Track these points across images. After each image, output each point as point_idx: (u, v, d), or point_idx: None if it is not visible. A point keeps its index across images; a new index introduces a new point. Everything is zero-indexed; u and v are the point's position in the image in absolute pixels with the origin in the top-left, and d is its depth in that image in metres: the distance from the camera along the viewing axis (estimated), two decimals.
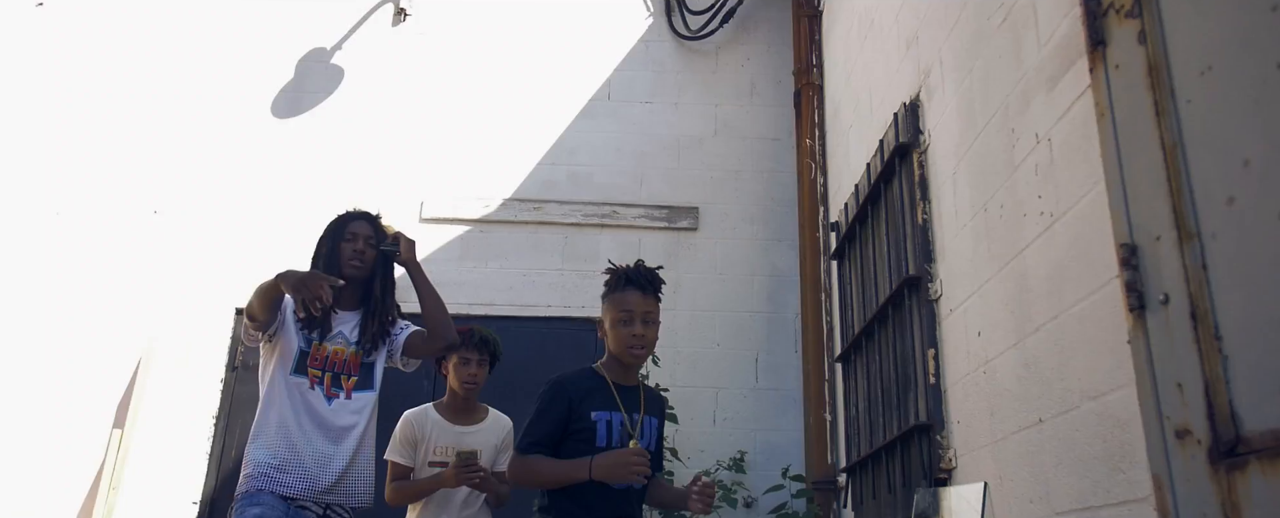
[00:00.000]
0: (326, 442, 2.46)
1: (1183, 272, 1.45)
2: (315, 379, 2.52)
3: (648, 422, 2.18)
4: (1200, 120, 1.45)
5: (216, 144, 5.01)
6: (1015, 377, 2.13)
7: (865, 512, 3.32)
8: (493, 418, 3.01)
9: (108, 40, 5.19)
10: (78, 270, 4.71)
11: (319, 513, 2.44)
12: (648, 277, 2.21)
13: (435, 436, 2.90)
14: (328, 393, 2.51)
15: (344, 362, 2.59)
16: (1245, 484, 1.27)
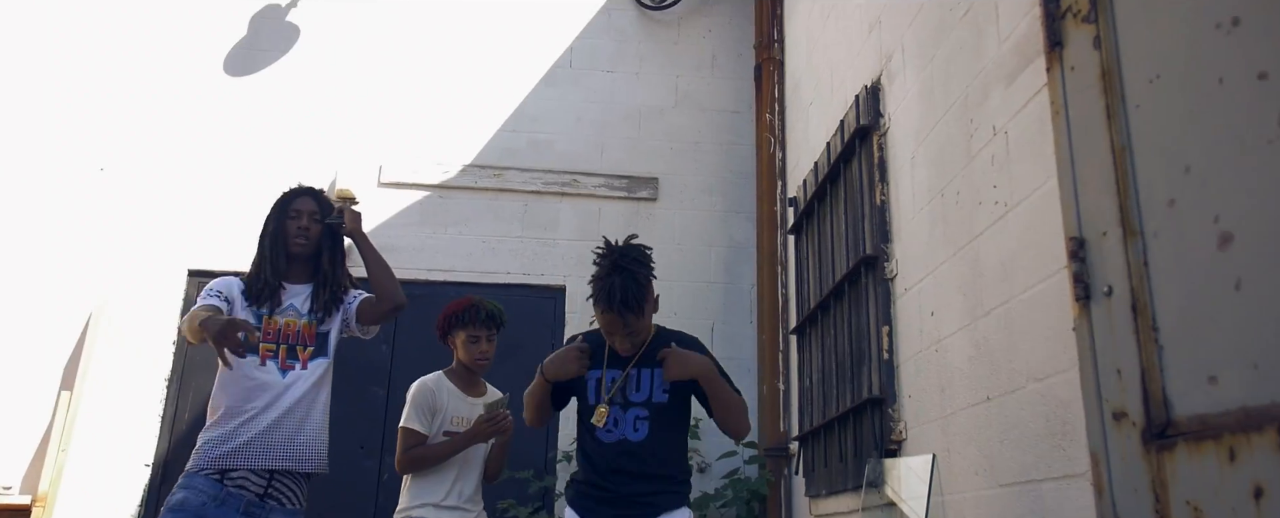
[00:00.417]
0: (276, 413, 2.45)
1: (1126, 266, 1.56)
2: (268, 353, 2.52)
3: (643, 373, 2.25)
4: (1147, 125, 1.55)
5: (165, 101, 4.90)
6: (965, 356, 2.25)
7: (816, 479, 3.46)
8: (491, 392, 3.01)
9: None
10: (20, 229, 4.60)
11: (261, 484, 2.42)
12: (624, 301, 2.15)
13: (451, 405, 2.88)
14: (283, 366, 2.53)
15: (298, 333, 2.61)
16: (1173, 464, 1.40)
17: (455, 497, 2.83)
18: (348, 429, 4.45)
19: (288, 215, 2.74)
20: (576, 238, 4.91)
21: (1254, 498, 1.22)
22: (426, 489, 2.82)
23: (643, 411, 2.25)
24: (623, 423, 2.26)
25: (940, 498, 2.34)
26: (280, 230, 2.71)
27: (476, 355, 2.94)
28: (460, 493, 2.85)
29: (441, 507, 2.80)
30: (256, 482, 2.39)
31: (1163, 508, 1.41)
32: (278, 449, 2.43)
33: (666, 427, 2.27)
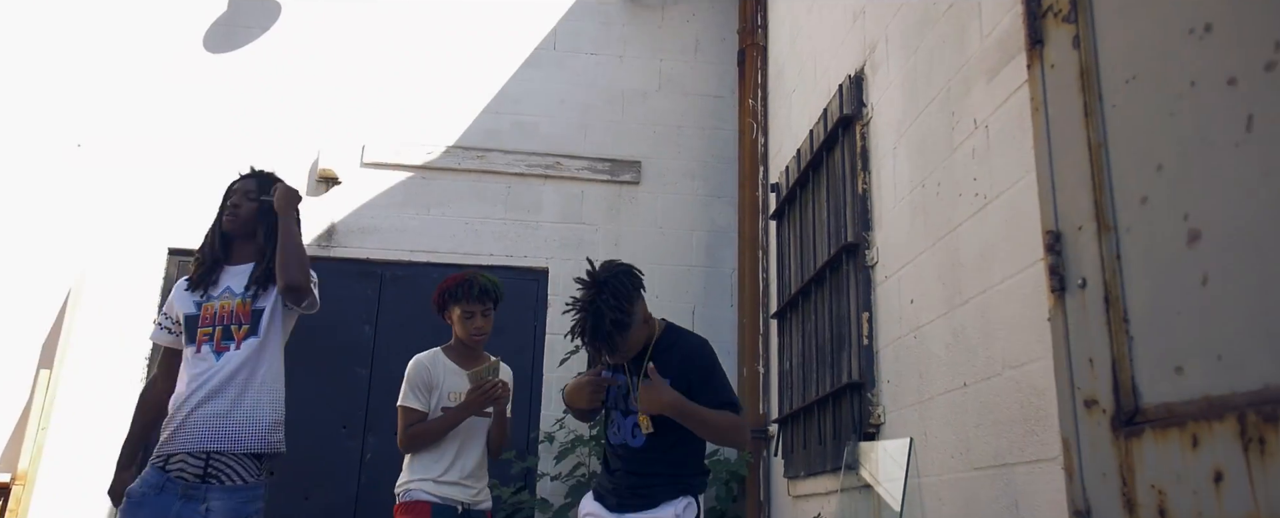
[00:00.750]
0: (203, 394, 2.44)
1: (1100, 260, 1.62)
2: (205, 338, 2.53)
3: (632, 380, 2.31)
4: (1123, 124, 1.61)
5: (144, 77, 4.86)
6: (943, 343, 2.32)
7: (795, 461, 3.54)
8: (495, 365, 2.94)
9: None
10: None
11: (198, 466, 2.40)
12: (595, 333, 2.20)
13: (448, 382, 2.88)
14: (217, 348, 2.52)
15: (231, 313, 2.59)
16: (1140, 450, 1.47)
17: (456, 472, 2.82)
18: (330, 409, 4.48)
19: (226, 197, 2.75)
20: (560, 220, 4.94)
21: (1214, 482, 1.29)
22: (425, 465, 2.82)
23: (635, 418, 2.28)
24: (623, 429, 2.32)
25: (917, 480, 2.42)
26: (220, 211, 2.73)
27: (472, 331, 2.93)
28: (461, 469, 2.83)
29: (440, 482, 2.80)
30: (194, 464, 2.39)
31: (1129, 491, 1.48)
32: (207, 430, 2.41)
33: (665, 431, 2.26)
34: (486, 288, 2.99)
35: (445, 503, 2.79)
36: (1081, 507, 1.60)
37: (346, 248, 4.75)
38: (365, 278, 4.72)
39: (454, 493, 2.81)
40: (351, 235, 4.77)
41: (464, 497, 2.83)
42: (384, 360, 4.56)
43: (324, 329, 4.60)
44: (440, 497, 2.79)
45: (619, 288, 2.22)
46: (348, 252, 4.75)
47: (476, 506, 2.88)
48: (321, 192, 4.81)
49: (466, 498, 2.84)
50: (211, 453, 2.40)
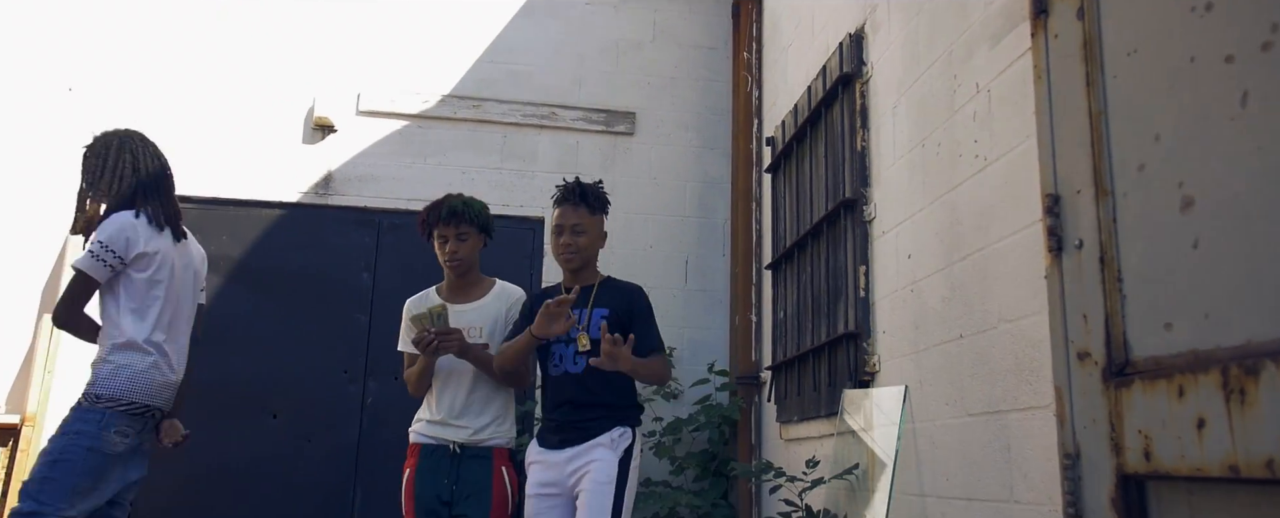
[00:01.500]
0: None
1: (1096, 222, 1.73)
2: None
3: (596, 313, 2.56)
4: (1123, 95, 1.71)
5: (135, 20, 4.81)
6: (940, 297, 2.44)
7: (788, 406, 3.69)
8: (497, 291, 2.86)
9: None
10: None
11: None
12: (580, 193, 2.68)
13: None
14: None
15: None
16: (1129, 398, 1.60)
17: (444, 411, 2.73)
18: (331, 355, 4.58)
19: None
20: (555, 170, 4.99)
21: (1197, 428, 1.42)
22: (422, 406, 2.82)
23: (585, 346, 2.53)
24: (566, 359, 2.57)
25: (911, 425, 2.56)
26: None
27: (445, 257, 2.79)
28: (450, 407, 2.73)
29: (430, 422, 2.76)
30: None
31: (1117, 436, 1.62)
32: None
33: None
34: (456, 208, 2.81)
35: (437, 443, 2.71)
36: (1071, 450, 1.74)
37: (344, 196, 4.79)
38: (363, 226, 4.78)
39: (445, 433, 2.72)
40: (349, 184, 4.81)
41: (458, 436, 2.71)
42: (383, 307, 4.65)
43: (323, 277, 4.68)
44: (430, 437, 2.74)
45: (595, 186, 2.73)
46: (345, 200, 4.79)
47: (479, 444, 2.71)
48: (317, 139, 4.83)
49: (461, 438, 2.71)
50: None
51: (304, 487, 4.41)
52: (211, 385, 4.45)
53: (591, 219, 2.66)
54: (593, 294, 2.60)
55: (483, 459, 2.71)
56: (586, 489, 2.38)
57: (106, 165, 2.72)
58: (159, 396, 2.59)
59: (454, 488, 2.68)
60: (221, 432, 4.38)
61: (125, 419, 2.49)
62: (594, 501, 2.35)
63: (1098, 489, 1.66)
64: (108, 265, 2.52)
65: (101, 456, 2.44)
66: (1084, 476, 1.70)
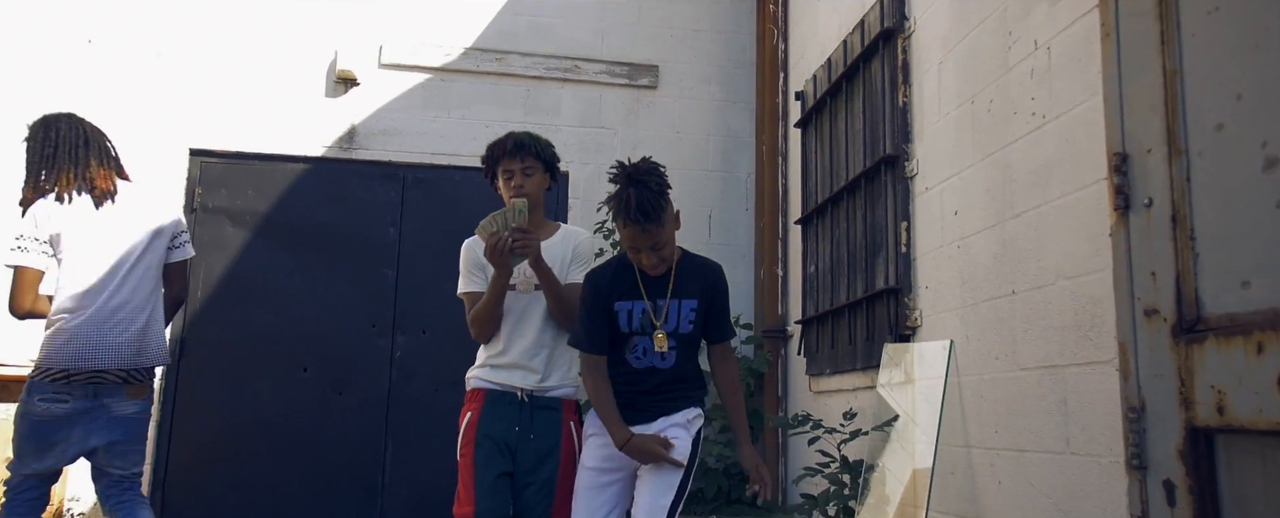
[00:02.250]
0: None
1: (1168, 181, 1.75)
2: None
3: (674, 305, 2.31)
4: (1201, 54, 1.72)
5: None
6: (990, 253, 2.47)
7: (818, 359, 3.74)
8: (564, 233, 2.67)
9: None
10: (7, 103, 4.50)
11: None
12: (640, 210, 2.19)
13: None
14: None
15: None
16: (1201, 354, 1.63)
17: (513, 354, 2.52)
18: (358, 309, 4.61)
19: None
20: (578, 124, 4.99)
21: (1277, 386, 1.46)
22: (487, 351, 2.59)
23: (671, 340, 2.31)
24: (650, 353, 2.32)
25: (956, 379, 2.61)
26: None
27: (511, 193, 2.57)
28: (520, 350, 2.52)
29: (496, 366, 2.54)
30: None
31: (1187, 391, 1.66)
32: None
33: (688, 349, 2.37)
34: (522, 140, 2.65)
35: (503, 389, 2.50)
36: (1136, 403, 1.78)
37: (368, 150, 4.78)
38: (388, 180, 4.77)
39: (512, 378, 2.50)
40: (373, 138, 4.79)
41: (526, 382, 2.50)
42: (409, 261, 4.67)
43: (349, 231, 4.69)
44: (496, 382, 2.51)
45: (651, 168, 2.26)
46: (370, 154, 4.78)
47: (547, 392, 2.51)
48: (340, 93, 4.80)
49: (530, 384, 2.50)
50: None
51: (335, 439, 4.48)
52: (241, 340, 4.49)
53: (663, 230, 2.26)
54: (671, 278, 2.33)
55: (552, 411, 2.52)
56: (659, 466, 2.27)
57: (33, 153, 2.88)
58: (78, 359, 2.67)
59: (521, 439, 2.48)
60: (253, 386, 4.43)
61: (49, 386, 2.65)
62: (664, 478, 2.25)
63: (1165, 441, 1.70)
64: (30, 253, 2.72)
65: (31, 421, 2.65)
66: (1150, 428, 1.75)
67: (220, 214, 4.59)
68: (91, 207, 2.80)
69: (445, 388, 4.29)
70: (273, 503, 4.36)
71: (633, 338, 2.32)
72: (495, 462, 2.46)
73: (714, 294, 2.36)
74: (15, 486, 2.67)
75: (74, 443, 2.69)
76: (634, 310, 2.31)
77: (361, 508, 4.44)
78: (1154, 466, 1.73)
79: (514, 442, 2.48)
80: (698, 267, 2.39)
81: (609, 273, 2.35)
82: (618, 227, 2.26)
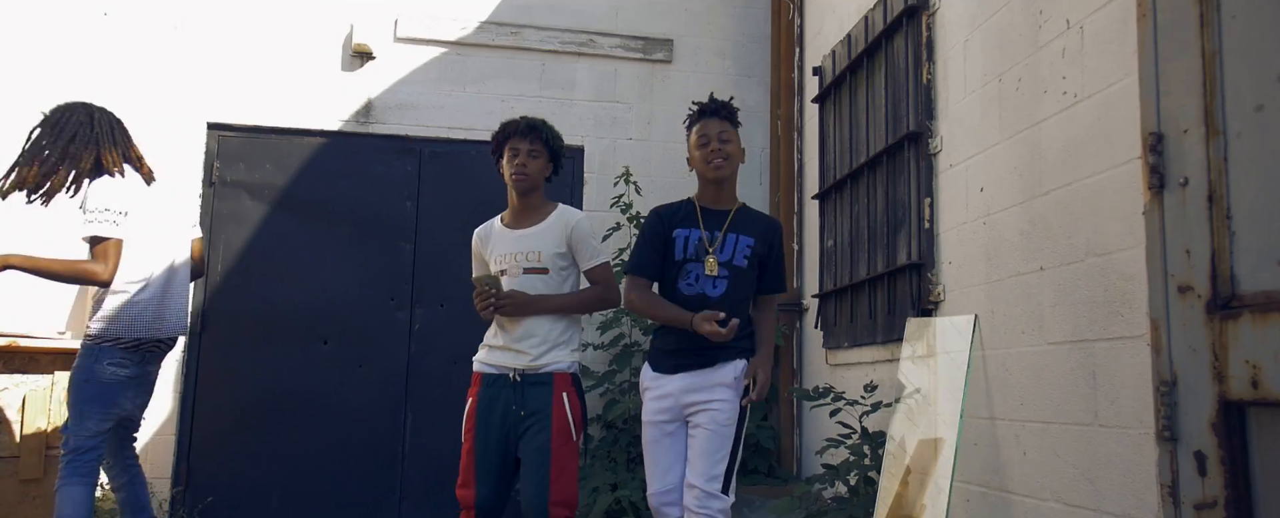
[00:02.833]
0: None
1: (1205, 161, 1.79)
2: None
3: (731, 238, 2.50)
4: (1241, 35, 1.75)
5: None
6: (1018, 230, 2.51)
7: (836, 333, 3.80)
8: (558, 213, 2.78)
9: None
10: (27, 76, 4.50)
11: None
12: (722, 106, 2.63)
13: (496, 244, 2.78)
14: None
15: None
16: (1236, 330, 1.68)
17: (503, 337, 2.70)
18: (377, 283, 4.65)
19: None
20: (594, 99, 5.00)
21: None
22: (487, 334, 2.78)
23: (724, 270, 2.47)
24: (702, 280, 2.47)
25: (980, 353, 2.67)
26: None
27: (513, 170, 2.72)
28: (509, 333, 2.68)
29: (490, 348, 2.74)
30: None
31: (1221, 366, 1.71)
32: None
33: (740, 288, 2.50)
34: (534, 123, 2.81)
35: (497, 370, 2.68)
36: (1168, 377, 1.84)
37: (385, 124, 4.79)
38: (405, 154, 4.79)
39: (504, 359, 2.67)
40: (389, 112, 4.80)
41: (517, 363, 2.65)
42: (427, 236, 4.71)
43: (367, 205, 4.71)
44: (490, 364, 2.70)
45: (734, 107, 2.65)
46: (386, 128, 4.79)
47: (539, 369, 2.65)
48: (356, 67, 4.80)
49: (520, 364, 2.65)
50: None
51: (356, 411, 4.54)
52: (262, 313, 4.53)
53: (734, 133, 2.58)
54: (729, 218, 2.52)
55: (543, 386, 2.65)
56: (708, 430, 2.36)
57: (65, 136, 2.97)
58: (151, 329, 2.91)
59: (516, 417, 2.64)
60: (274, 358, 4.48)
61: (119, 352, 2.86)
62: (714, 443, 2.35)
63: (1197, 414, 1.76)
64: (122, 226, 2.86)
65: (99, 385, 2.83)
66: (1181, 401, 1.80)
67: (239, 188, 4.61)
68: (143, 184, 3.01)
69: (463, 361, 4.27)
70: (294, 474, 4.43)
71: (686, 265, 2.50)
72: (495, 445, 2.63)
73: (773, 242, 2.57)
74: (80, 447, 2.82)
75: (125, 407, 2.93)
76: (690, 237, 2.50)
77: (382, 479, 4.51)
78: (1185, 437, 1.79)
79: (512, 420, 2.64)
80: (759, 216, 2.64)
81: (673, 207, 2.61)
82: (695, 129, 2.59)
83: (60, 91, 4.50)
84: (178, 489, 4.32)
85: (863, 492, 3.01)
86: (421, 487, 4.52)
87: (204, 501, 4.32)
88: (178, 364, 4.39)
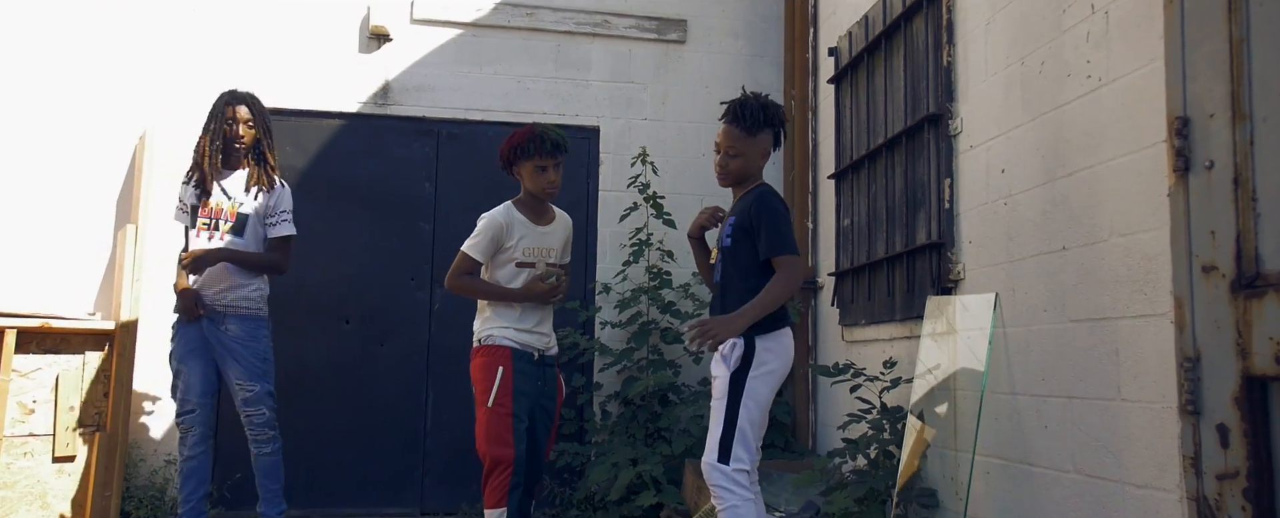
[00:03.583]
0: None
1: (1231, 145, 1.85)
2: (203, 228, 3.56)
3: (728, 222, 2.70)
4: (1269, 23, 1.80)
5: None
6: (1040, 210, 2.58)
7: (853, 310, 3.87)
8: (562, 216, 3.28)
9: None
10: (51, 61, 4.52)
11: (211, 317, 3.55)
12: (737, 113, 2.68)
13: (522, 235, 3.12)
14: (209, 237, 3.56)
15: (222, 213, 3.58)
16: (1260, 308, 1.75)
17: (531, 322, 3.14)
18: (398, 263, 4.72)
19: (225, 121, 3.64)
20: (609, 79, 5.04)
21: None
22: (505, 315, 3.12)
23: (721, 254, 2.65)
24: (718, 267, 2.70)
25: (1001, 330, 2.74)
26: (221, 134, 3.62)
27: (545, 185, 3.11)
28: (537, 319, 3.16)
29: (521, 330, 3.11)
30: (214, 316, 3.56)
31: (1244, 343, 1.78)
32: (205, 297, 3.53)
33: (736, 267, 2.62)
34: (558, 141, 3.13)
35: (525, 349, 3.11)
36: (1191, 353, 1.91)
37: (403, 106, 4.83)
38: (423, 136, 4.84)
39: (532, 340, 3.13)
40: (407, 93, 4.84)
41: (540, 344, 3.16)
42: (446, 216, 4.76)
43: (386, 186, 4.77)
44: (521, 343, 3.10)
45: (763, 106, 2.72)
46: (404, 109, 4.83)
47: (548, 351, 3.21)
48: (373, 48, 4.83)
49: (541, 345, 3.17)
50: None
51: (378, 389, 4.62)
52: (284, 293, 4.59)
53: (747, 141, 2.63)
54: (732, 206, 2.73)
55: (552, 368, 3.24)
56: (711, 406, 2.56)
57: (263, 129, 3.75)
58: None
59: (538, 390, 3.16)
60: (297, 338, 4.55)
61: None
62: (714, 417, 2.52)
63: (1220, 389, 1.83)
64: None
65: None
66: (1205, 376, 1.88)
67: None
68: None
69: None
70: (319, 451, 4.52)
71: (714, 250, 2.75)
72: (525, 412, 3.08)
73: (750, 212, 2.58)
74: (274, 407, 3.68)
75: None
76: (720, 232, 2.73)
77: (404, 456, 4.60)
78: (1208, 411, 1.86)
79: (534, 393, 3.12)
80: (748, 193, 2.67)
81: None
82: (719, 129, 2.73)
83: (76, 77, 4.54)
84: None
85: (883, 465, 3.10)
86: (443, 463, 4.61)
87: (232, 477, 4.41)
88: None
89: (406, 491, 4.60)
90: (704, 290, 4.71)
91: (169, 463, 4.31)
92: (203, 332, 3.52)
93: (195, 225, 3.56)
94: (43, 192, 4.41)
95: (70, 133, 4.48)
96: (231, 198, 3.58)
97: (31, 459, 3.88)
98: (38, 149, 4.43)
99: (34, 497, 3.86)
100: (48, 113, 4.48)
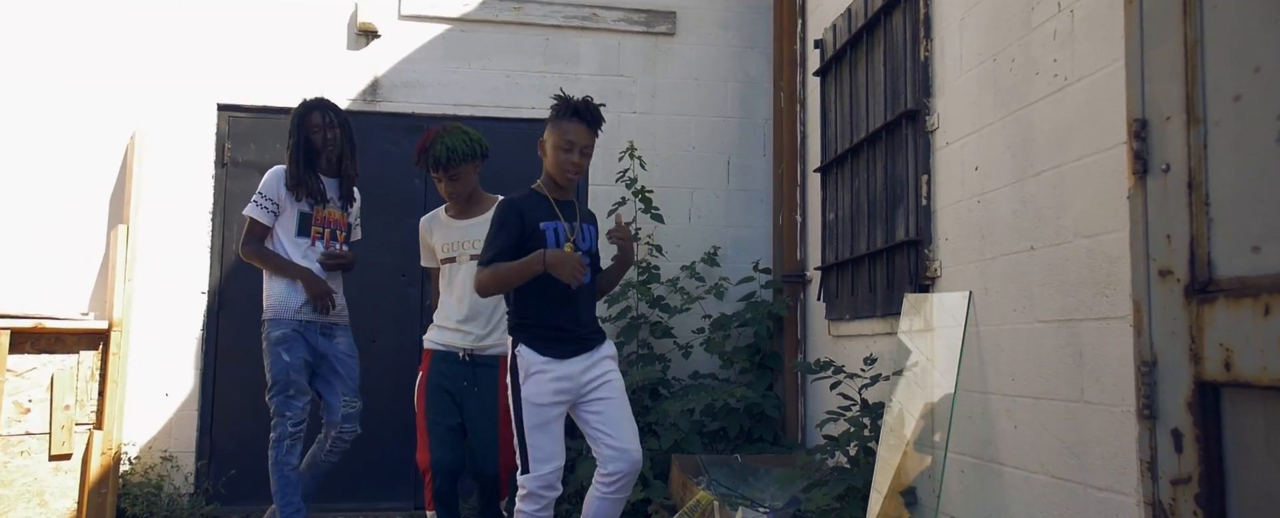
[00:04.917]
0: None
1: (1186, 148, 1.83)
2: (318, 235, 3.46)
3: (586, 228, 2.72)
4: (1221, 26, 1.78)
5: None
6: (1011, 209, 2.56)
7: (838, 305, 3.87)
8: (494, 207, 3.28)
9: None
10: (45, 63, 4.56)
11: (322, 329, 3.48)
12: (593, 111, 2.68)
13: (438, 233, 3.30)
14: (326, 245, 3.48)
15: (336, 221, 3.53)
16: (1212, 314, 1.75)
17: (452, 318, 3.19)
18: (390, 260, 4.74)
19: (309, 130, 3.47)
20: (598, 73, 5.03)
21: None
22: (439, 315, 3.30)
23: (587, 258, 2.68)
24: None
25: (975, 329, 2.73)
26: (308, 143, 3.47)
27: (445, 195, 3.31)
28: (456, 314, 3.18)
29: (439, 328, 3.25)
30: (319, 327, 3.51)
31: (1197, 348, 1.77)
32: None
33: (595, 273, 2.79)
34: (440, 157, 3.16)
35: (445, 349, 3.13)
36: (1148, 358, 1.90)
37: (391, 102, 4.84)
38: (412, 132, 4.84)
39: (453, 339, 3.12)
40: (395, 90, 4.85)
41: (464, 342, 3.11)
42: None
43: (376, 183, 4.78)
44: (439, 343, 3.16)
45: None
46: (392, 106, 4.84)
47: (484, 351, 3.12)
48: (362, 45, 4.84)
49: (467, 344, 3.12)
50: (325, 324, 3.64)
51: (371, 386, 4.64)
52: None
53: (594, 141, 2.74)
54: (577, 208, 2.76)
55: (491, 368, 3.12)
56: (615, 399, 2.63)
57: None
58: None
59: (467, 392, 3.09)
60: None
61: None
62: (626, 408, 2.67)
63: (1174, 394, 1.83)
64: None
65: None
66: (1160, 381, 1.87)
67: (250, 169, 4.69)
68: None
69: None
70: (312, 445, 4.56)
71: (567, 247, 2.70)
72: (446, 414, 3.03)
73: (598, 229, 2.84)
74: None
75: None
76: (559, 229, 2.66)
77: (398, 451, 4.64)
78: (1163, 416, 1.86)
79: (460, 394, 3.04)
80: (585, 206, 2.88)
81: (524, 199, 2.68)
82: (558, 127, 2.65)
83: (67, 78, 4.57)
84: (201, 463, 4.47)
85: (862, 462, 3.10)
86: None
87: (227, 473, 4.46)
88: (197, 343, 4.51)
89: (400, 486, 4.64)
90: (693, 284, 4.71)
91: (165, 460, 4.37)
92: (308, 342, 3.44)
93: (307, 233, 3.45)
94: (35, 193, 4.45)
95: (62, 134, 4.52)
96: (342, 208, 3.57)
97: (28, 458, 3.94)
98: (30, 150, 4.47)
99: (31, 494, 3.93)
100: (39, 114, 4.52)
